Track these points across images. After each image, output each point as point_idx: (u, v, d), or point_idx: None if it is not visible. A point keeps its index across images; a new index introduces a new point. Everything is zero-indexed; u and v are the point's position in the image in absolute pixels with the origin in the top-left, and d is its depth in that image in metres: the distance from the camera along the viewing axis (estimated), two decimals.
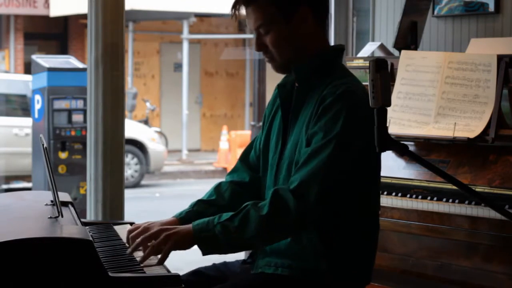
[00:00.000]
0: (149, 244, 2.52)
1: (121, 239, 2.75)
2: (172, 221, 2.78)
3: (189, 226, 2.55)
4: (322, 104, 2.55)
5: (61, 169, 7.75)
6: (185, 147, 17.88)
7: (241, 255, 3.12)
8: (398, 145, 2.27)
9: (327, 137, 2.51)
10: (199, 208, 2.82)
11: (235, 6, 2.66)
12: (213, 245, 2.53)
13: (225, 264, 2.83)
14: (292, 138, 2.64)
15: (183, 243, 2.54)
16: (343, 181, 2.54)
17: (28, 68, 14.29)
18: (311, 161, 2.51)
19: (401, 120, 3.85)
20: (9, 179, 11.78)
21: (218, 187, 2.89)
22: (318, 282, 2.58)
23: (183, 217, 2.79)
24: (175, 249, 2.52)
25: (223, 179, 2.95)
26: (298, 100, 2.66)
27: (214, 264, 2.83)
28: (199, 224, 2.54)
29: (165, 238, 2.51)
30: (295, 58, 2.65)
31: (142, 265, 2.45)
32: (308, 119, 2.59)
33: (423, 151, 3.74)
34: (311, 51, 2.66)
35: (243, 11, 2.67)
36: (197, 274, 2.75)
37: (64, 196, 2.96)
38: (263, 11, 2.61)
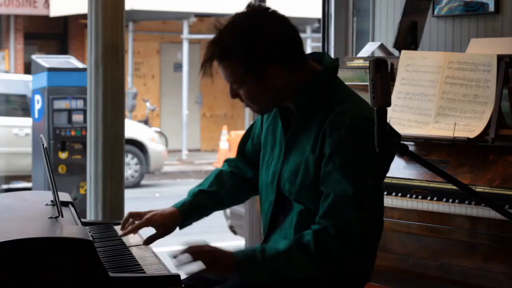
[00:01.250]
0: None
1: (121, 239, 2.76)
2: (172, 211, 2.81)
3: (231, 255, 2.53)
4: (328, 135, 2.53)
5: (61, 169, 7.75)
6: (185, 147, 17.88)
7: None
8: (398, 145, 2.27)
9: (348, 177, 2.50)
10: (200, 200, 2.85)
11: (208, 60, 2.60)
12: (256, 279, 2.54)
13: None
14: (290, 161, 2.64)
15: (223, 269, 2.54)
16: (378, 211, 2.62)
17: (28, 68, 14.29)
18: (342, 205, 2.50)
19: (401, 120, 3.85)
20: (9, 179, 11.78)
21: (219, 176, 2.90)
22: (317, 281, 2.58)
23: (185, 209, 2.82)
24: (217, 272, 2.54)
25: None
26: (298, 126, 2.64)
27: None
28: (243, 257, 2.53)
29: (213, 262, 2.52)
30: (272, 105, 2.66)
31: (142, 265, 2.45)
32: (311, 144, 2.57)
33: (423, 151, 3.73)
34: (290, 93, 2.61)
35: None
36: (197, 278, 2.75)
37: (64, 196, 2.96)
38: (232, 71, 2.58)
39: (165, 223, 2.79)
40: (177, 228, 2.86)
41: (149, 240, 2.77)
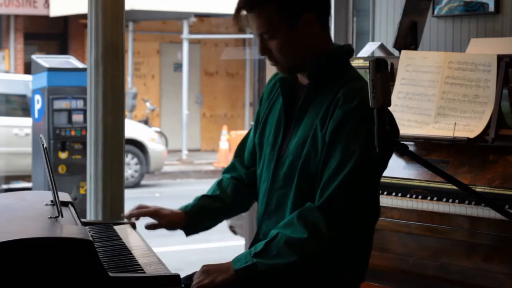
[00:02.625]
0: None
1: (121, 239, 2.76)
2: (179, 214, 2.80)
3: (230, 265, 2.55)
4: (337, 108, 2.53)
5: (61, 169, 7.75)
6: (185, 147, 17.89)
7: None
8: (398, 145, 2.27)
9: (348, 151, 2.50)
10: (204, 203, 2.84)
11: (238, 11, 2.61)
12: (256, 276, 2.54)
13: None
14: (298, 134, 2.62)
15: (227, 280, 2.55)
16: (371, 196, 2.58)
17: (28, 68, 14.29)
18: (336, 178, 2.51)
19: (401, 120, 3.84)
20: (9, 179, 11.78)
21: (220, 183, 2.90)
22: (318, 280, 2.58)
23: (189, 211, 2.81)
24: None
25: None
26: (309, 97, 2.63)
27: None
28: (239, 261, 2.55)
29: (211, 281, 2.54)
30: (301, 61, 2.63)
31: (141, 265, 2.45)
32: (321, 117, 2.57)
33: (423, 151, 3.73)
34: (317, 51, 2.64)
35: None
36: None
37: (64, 196, 2.96)
38: (267, 17, 2.57)
39: (169, 216, 2.78)
40: (184, 234, 2.86)
41: (150, 226, 2.78)
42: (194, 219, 2.82)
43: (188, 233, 2.86)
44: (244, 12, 2.61)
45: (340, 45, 2.74)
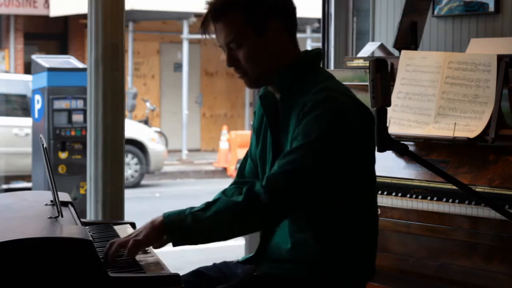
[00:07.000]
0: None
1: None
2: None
3: (161, 217, 2.50)
4: (302, 109, 2.53)
5: (61, 169, 7.75)
6: (185, 147, 17.89)
7: (239, 255, 3.10)
8: (398, 145, 2.27)
9: (305, 139, 2.48)
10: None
11: (204, 24, 2.61)
12: (182, 236, 2.49)
13: (225, 264, 2.82)
14: (288, 147, 2.62)
15: (157, 238, 2.49)
16: (323, 183, 2.52)
17: (28, 68, 14.29)
18: (284, 159, 2.51)
19: (401, 120, 3.85)
20: (9, 179, 11.78)
21: (224, 191, 2.84)
22: (324, 283, 2.58)
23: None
24: (148, 246, 2.49)
25: (223, 179, 2.92)
26: (285, 111, 2.62)
27: (214, 264, 2.82)
28: (171, 215, 2.50)
29: (135, 242, 2.46)
30: (269, 70, 2.62)
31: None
32: (294, 126, 2.56)
33: (423, 151, 3.74)
34: (284, 61, 2.62)
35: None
36: (198, 274, 2.74)
37: (64, 196, 2.96)
38: (234, 25, 2.57)
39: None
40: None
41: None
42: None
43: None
44: (211, 25, 2.60)
45: (308, 51, 2.69)
